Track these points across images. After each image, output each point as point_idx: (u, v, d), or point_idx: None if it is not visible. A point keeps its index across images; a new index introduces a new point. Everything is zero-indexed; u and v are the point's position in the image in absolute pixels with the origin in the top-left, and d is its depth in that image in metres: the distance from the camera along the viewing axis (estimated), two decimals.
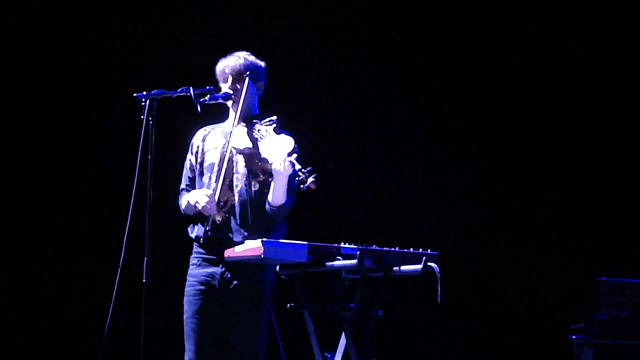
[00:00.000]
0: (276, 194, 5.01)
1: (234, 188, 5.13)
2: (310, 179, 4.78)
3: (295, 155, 4.93)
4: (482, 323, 8.24)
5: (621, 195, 8.25)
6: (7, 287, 7.93)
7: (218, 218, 5.10)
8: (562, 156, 8.34)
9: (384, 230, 7.91)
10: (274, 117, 5.18)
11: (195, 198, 5.07)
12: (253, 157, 5.09)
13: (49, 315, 7.93)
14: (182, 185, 5.29)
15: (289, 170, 4.91)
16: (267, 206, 5.05)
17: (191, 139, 5.32)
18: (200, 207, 5.05)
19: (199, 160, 5.24)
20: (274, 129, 5.11)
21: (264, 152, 5.00)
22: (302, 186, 4.81)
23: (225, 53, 5.28)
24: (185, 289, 5.16)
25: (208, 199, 5.03)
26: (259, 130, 5.11)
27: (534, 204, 8.36)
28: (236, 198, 5.11)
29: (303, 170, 4.83)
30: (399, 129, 8.41)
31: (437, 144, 8.40)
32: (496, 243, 8.29)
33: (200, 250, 5.14)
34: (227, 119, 5.30)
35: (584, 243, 8.17)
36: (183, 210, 5.22)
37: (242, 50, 5.28)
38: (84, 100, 8.03)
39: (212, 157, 5.21)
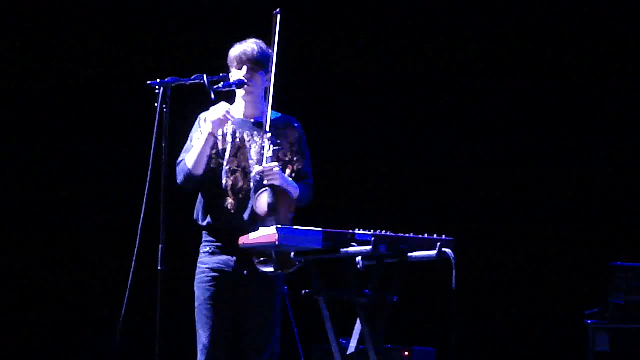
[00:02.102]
0: (291, 192, 5.03)
1: (249, 174, 5.13)
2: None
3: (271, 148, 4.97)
4: (497, 308, 8.23)
5: (637, 179, 8.23)
6: (24, 274, 7.96)
7: (232, 206, 5.10)
8: (575, 140, 8.32)
9: (399, 216, 7.92)
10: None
11: (211, 116, 5.03)
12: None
13: (66, 303, 7.96)
14: (182, 158, 5.18)
15: (275, 177, 4.94)
16: None
17: (196, 119, 5.27)
18: (218, 116, 5.01)
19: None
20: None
21: None
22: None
23: (236, 40, 5.27)
24: (196, 276, 5.16)
25: (228, 107, 5.02)
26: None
27: (548, 188, 8.35)
28: (251, 184, 5.11)
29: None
30: (413, 114, 8.40)
31: (453, 129, 8.39)
32: (511, 228, 8.28)
33: (213, 238, 5.14)
34: (231, 104, 5.27)
35: (599, 227, 8.16)
36: (190, 168, 5.07)
37: (254, 36, 5.27)
38: (98, 88, 8.05)
39: (223, 144, 5.18)
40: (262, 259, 4.88)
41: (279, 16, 5.07)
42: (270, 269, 4.87)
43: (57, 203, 8.02)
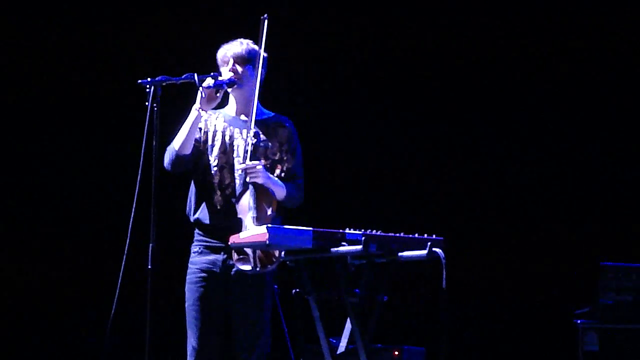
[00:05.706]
0: (275, 192, 5.03)
1: (235, 172, 5.12)
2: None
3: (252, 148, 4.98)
4: (487, 308, 8.24)
5: (627, 179, 8.24)
6: (12, 273, 7.95)
7: (219, 202, 5.09)
8: (566, 141, 8.33)
9: (389, 215, 7.92)
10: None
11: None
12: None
13: (55, 302, 7.94)
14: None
15: (258, 174, 4.93)
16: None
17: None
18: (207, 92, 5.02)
19: (202, 138, 5.20)
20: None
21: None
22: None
23: (227, 40, 5.28)
24: (187, 277, 5.16)
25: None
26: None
27: (538, 187, 8.35)
28: (237, 182, 5.10)
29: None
30: (403, 113, 8.41)
31: (443, 129, 8.40)
32: (501, 227, 8.29)
33: (202, 237, 5.14)
34: (226, 104, 5.28)
35: (589, 227, 8.17)
36: (176, 149, 5.05)
37: (245, 37, 5.28)
38: (88, 87, 8.04)
39: (212, 140, 5.18)
40: (241, 256, 4.88)
41: (266, 21, 5.08)
42: (249, 267, 4.86)
43: (47, 202, 8.00)
